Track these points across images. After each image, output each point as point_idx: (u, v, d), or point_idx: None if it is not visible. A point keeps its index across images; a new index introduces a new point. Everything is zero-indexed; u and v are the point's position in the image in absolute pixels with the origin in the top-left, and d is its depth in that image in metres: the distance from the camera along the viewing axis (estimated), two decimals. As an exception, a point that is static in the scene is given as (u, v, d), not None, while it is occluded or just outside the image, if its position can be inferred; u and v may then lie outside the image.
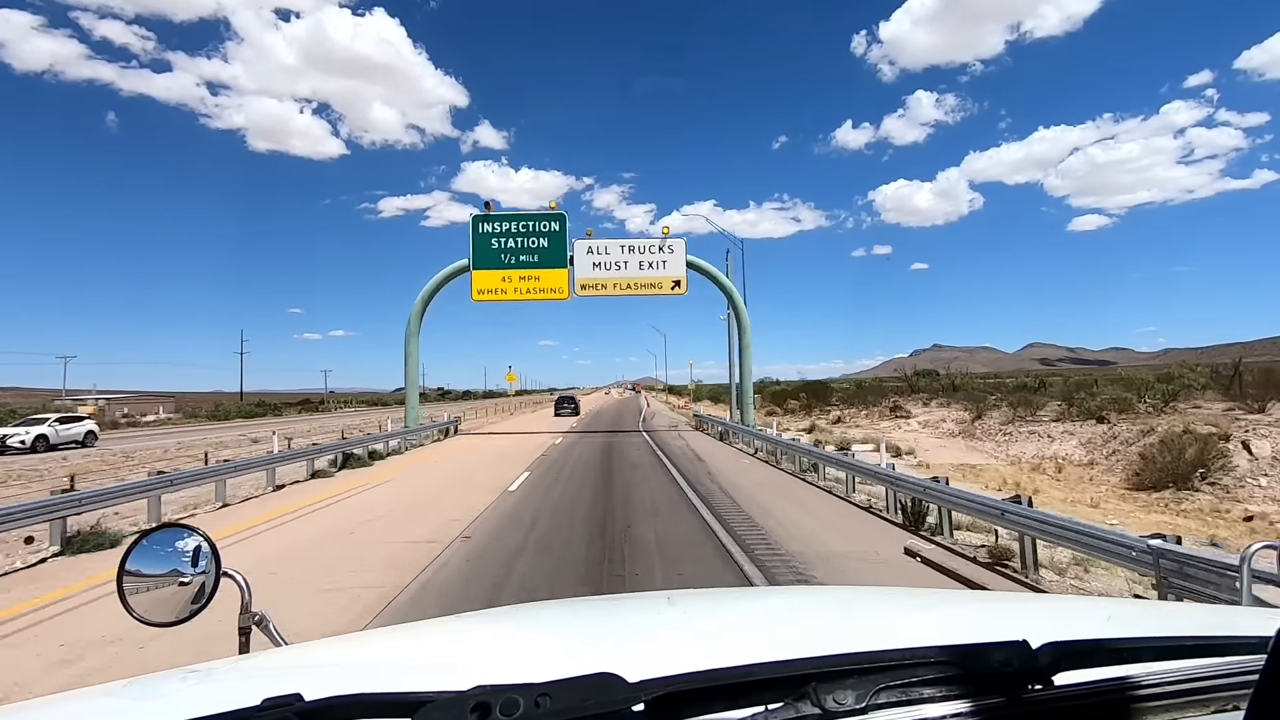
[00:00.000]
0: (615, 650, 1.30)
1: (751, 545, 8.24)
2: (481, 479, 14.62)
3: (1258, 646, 0.81)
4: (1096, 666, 0.79)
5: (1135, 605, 2.68)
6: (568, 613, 1.84)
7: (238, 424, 47.25)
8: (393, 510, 11.16)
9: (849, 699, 0.70)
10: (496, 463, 17.86)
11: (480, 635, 1.54)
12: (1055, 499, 14.48)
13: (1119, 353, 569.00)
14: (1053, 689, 0.75)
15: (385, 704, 0.72)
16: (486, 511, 10.67)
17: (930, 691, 0.74)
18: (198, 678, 1.13)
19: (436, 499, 12.22)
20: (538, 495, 12.32)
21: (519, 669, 1.00)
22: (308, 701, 0.73)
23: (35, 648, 5.27)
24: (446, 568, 7.38)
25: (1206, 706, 0.75)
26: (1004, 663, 0.74)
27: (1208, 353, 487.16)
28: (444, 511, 10.66)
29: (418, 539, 8.73)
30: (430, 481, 14.89)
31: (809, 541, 8.52)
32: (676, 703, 0.68)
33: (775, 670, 0.73)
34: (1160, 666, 0.79)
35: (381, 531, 9.38)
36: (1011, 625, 1.37)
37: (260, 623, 1.48)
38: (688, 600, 1.89)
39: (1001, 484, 15.96)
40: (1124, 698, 0.75)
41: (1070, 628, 1.36)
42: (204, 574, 1.48)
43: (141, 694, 1.14)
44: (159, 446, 26.78)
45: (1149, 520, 12.75)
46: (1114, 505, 14.92)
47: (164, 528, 1.55)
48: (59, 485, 9.51)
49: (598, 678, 0.69)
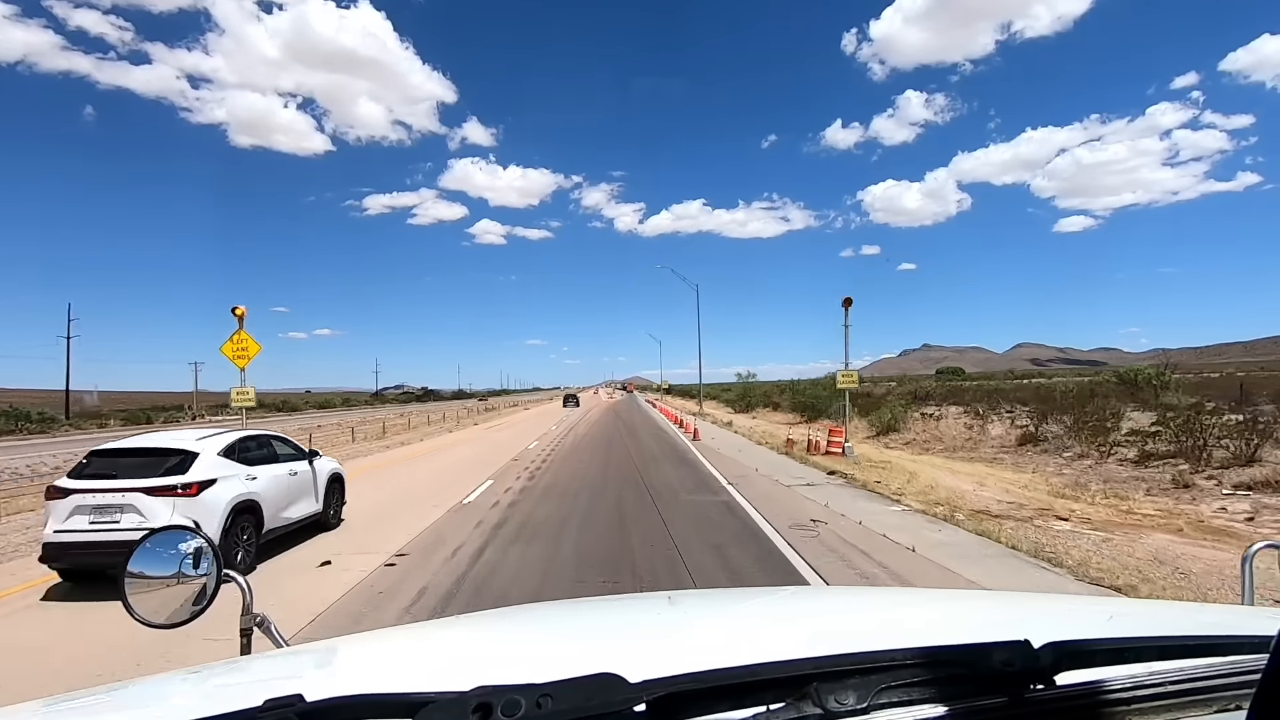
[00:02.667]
0: (617, 650, 1.30)
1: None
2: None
3: (1259, 646, 0.81)
4: (1098, 666, 0.79)
5: (1137, 605, 2.68)
6: (569, 613, 1.83)
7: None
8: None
9: (850, 699, 0.70)
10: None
11: (481, 635, 1.54)
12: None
13: (1108, 353, 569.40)
14: (1054, 689, 0.75)
15: (387, 704, 0.72)
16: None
17: (932, 691, 0.74)
18: (199, 678, 1.13)
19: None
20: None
21: (520, 669, 1.00)
22: (309, 702, 0.73)
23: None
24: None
25: (1209, 706, 0.75)
26: (1006, 663, 0.74)
27: (1207, 352, 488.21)
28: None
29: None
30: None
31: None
32: (678, 703, 0.68)
33: (777, 670, 0.73)
34: (1162, 666, 0.79)
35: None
36: (1013, 625, 1.37)
37: (261, 624, 1.48)
38: (689, 600, 1.89)
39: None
40: (1126, 698, 0.75)
41: (1072, 627, 1.36)
42: (205, 575, 1.49)
43: (142, 695, 1.14)
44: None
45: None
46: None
47: (166, 530, 1.56)
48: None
49: (599, 678, 0.69)
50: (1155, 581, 6.30)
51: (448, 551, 7.83)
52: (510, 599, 6.02)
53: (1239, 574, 1.57)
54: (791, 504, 10.62)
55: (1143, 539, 8.40)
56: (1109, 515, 10.31)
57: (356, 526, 9.44)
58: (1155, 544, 8.10)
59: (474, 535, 8.67)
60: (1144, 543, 8.16)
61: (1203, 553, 7.70)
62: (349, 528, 9.37)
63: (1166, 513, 10.65)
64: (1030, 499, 11.69)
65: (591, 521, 9.50)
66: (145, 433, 9.61)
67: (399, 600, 6.11)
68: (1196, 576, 6.58)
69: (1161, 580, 6.39)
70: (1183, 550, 7.80)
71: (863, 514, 9.54)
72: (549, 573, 6.94)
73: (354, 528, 9.37)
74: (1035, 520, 9.52)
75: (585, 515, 9.98)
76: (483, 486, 12.92)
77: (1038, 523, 9.33)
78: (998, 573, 6.68)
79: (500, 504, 11.00)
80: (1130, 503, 11.52)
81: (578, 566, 7.18)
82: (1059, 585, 6.29)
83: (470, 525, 9.29)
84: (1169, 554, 7.54)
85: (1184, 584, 6.38)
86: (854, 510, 9.84)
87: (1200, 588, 6.27)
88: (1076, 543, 7.96)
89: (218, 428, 8.99)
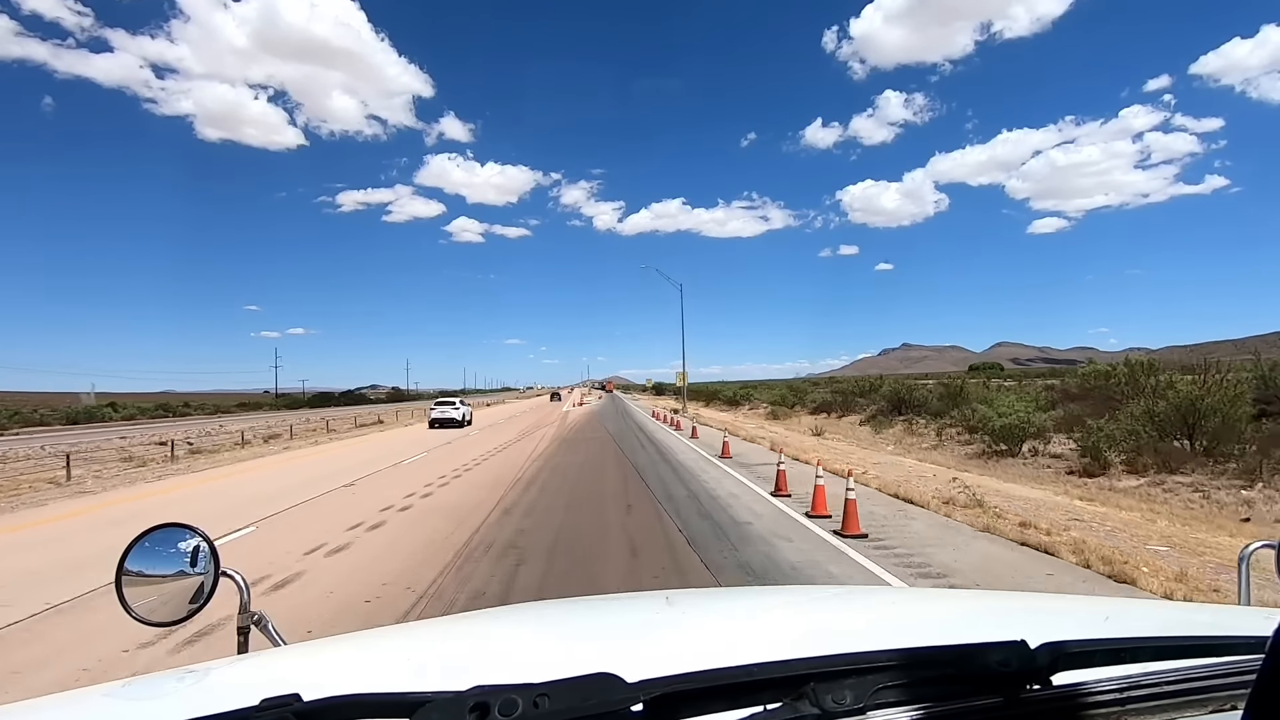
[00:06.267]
0: (614, 650, 1.30)
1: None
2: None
3: (1256, 646, 0.81)
4: (1095, 666, 0.79)
5: (1134, 605, 2.69)
6: (566, 612, 1.84)
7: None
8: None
9: (847, 699, 0.70)
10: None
11: (478, 635, 1.54)
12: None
13: (1085, 351, 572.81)
14: (1051, 689, 0.75)
15: (384, 704, 0.72)
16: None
17: (928, 691, 0.74)
18: (195, 677, 1.13)
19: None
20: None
21: (517, 669, 1.00)
22: (306, 702, 0.73)
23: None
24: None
25: (1205, 706, 0.76)
26: (1002, 663, 0.74)
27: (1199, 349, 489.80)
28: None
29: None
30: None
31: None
32: (675, 703, 0.68)
33: (774, 670, 0.73)
34: (1158, 666, 0.79)
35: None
36: (1009, 625, 1.37)
37: (259, 622, 1.48)
38: (686, 600, 1.89)
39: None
40: (1122, 698, 0.75)
41: (1068, 627, 1.36)
42: (203, 574, 1.48)
43: (139, 694, 1.14)
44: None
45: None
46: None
47: (163, 528, 1.55)
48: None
49: (596, 678, 0.69)
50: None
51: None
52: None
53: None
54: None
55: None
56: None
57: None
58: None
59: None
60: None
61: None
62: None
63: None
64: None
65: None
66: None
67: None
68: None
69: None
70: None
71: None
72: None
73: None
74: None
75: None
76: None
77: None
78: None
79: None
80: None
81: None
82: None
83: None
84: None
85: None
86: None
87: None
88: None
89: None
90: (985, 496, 10.45)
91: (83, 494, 13.86)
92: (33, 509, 12.08)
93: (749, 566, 7.06)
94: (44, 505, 12.52)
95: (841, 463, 14.79)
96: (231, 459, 20.86)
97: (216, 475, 16.82)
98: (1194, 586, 6.22)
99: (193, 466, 18.94)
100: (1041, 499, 11.72)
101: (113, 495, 13.65)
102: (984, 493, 10.87)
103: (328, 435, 30.97)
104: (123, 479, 16.24)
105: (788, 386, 57.18)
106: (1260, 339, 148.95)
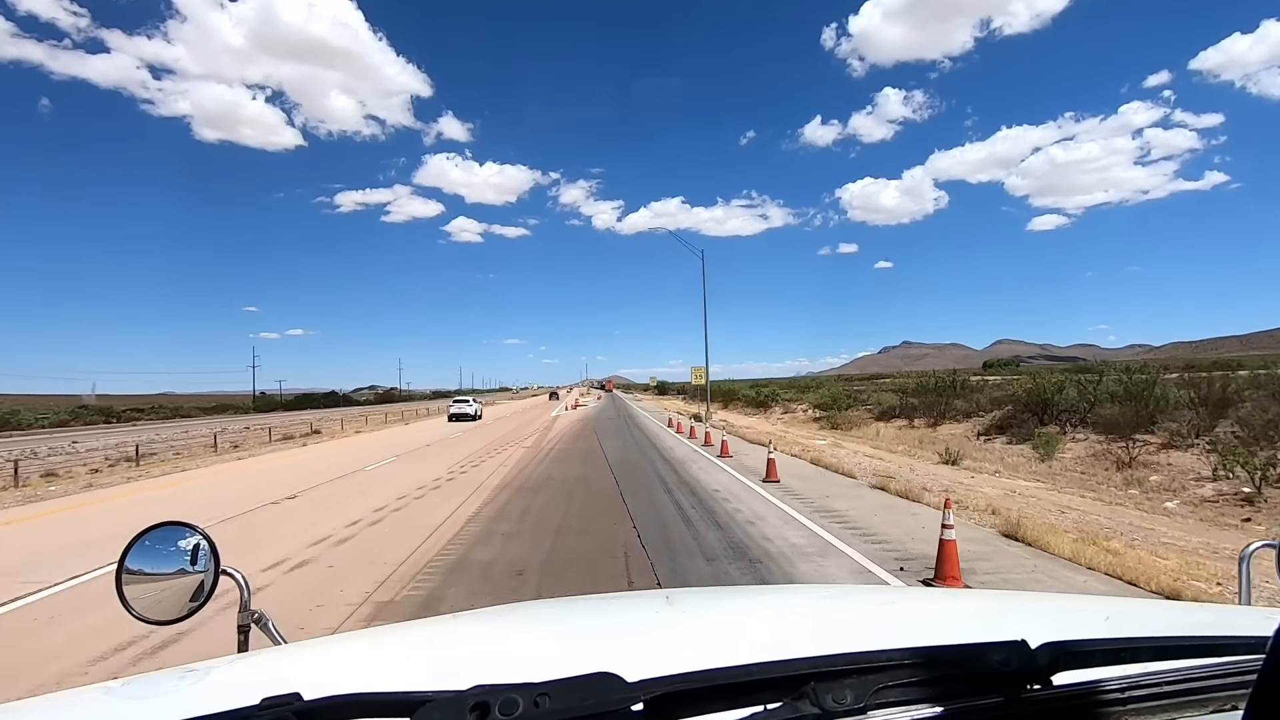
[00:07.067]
0: (614, 649, 1.30)
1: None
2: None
3: (1256, 646, 0.81)
4: (1095, 666, 0.79)
5: (1134, 604, 2.68)
6: (566, 612, 1.83)
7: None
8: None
9: (848, 698, 0.70)
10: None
11: (479, 634, 1.54)
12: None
13: (1086, 349, 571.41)
14: (1051, 689, 0.75)
15: (384, 703, 0.72)
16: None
17: (929, 691, 0.74)
18: (196, 676, 1.13)
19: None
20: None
21: (517, 668, 1.00)
22: (306, 701, 0.73)
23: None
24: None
25: (1205, 706, 0.76)
26: (1002, 662, 0.74)
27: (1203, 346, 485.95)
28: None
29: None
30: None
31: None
32: (675, 702, 0.68)
33: (774, 670, 0.73)
34: (1159, 666, 0.79)
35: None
36: (1010, 625, 1.37)
37: (259, 621, 1.48)
38: (686, 599, 1.89)
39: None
40: (1123, 698, 0.75)
41: (1068, 627, 1.36)
42: (203, 572, 1.48)
43: (139, 693, 1.14)
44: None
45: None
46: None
47: (163, 526, 1.55)
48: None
49: (596, 677, 0.69)
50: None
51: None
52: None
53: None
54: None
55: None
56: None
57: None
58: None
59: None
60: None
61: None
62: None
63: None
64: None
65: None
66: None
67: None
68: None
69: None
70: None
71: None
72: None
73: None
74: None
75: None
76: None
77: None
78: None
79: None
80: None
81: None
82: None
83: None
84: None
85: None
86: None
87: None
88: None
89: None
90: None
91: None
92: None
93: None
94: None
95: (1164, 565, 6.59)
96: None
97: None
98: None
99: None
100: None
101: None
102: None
103: (233, 452, 22.29)
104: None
105: (839, 385, 48.57)
106: (1265, 334, 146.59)
